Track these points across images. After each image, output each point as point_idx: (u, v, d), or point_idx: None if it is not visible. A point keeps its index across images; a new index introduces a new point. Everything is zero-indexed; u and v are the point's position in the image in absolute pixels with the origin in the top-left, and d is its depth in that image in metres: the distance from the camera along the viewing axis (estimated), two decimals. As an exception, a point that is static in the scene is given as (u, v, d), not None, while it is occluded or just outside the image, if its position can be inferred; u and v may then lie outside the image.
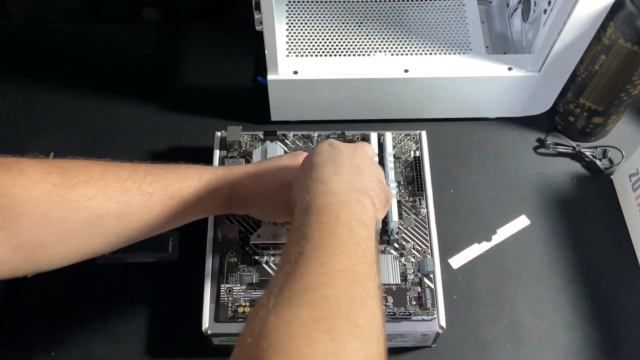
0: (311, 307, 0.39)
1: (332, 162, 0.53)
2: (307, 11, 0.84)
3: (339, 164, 0.53)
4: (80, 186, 0.50)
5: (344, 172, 0.52)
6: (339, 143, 0.57)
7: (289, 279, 0.41)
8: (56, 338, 0.68)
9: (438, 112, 0.83)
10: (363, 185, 0.52)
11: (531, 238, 0.76)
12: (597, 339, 0.69)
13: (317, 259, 0.43)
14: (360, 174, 0.53)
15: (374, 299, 0.43)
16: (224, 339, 0.65)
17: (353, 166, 0.53)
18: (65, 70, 0.89)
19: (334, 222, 0.46)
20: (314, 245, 0.44)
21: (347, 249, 0.45)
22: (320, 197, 0.49)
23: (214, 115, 0.84)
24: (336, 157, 0.54)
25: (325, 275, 0.42)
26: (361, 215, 0.49)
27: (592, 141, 0.83)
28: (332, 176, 0.51)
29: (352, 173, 0.52)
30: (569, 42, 0.72)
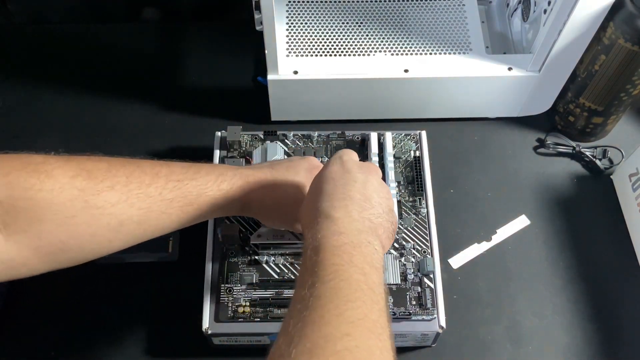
0: (334, 359, 0.39)
1: (343, 192, 0.52)
2: (307, 11, 0.84)
3: (349, 195, 0.52)
4: (105, 192, 0.50)
5: (354, 208, 0.51)
6: (351, 163, 0.55)
7: (308, 326, 0.41)
8: (56, 338, 0.68)
9: (438, 112, 0.83)
10: (372, 224, 0.51)
11: (531, 238, 0.76)
12: (597, 339, 0.69)
13: (336, 305, 0.43)
14: (371, 208, 0.52)
15: (389, 351, 0.43)
16: (224, 339, 0.65)
17: (364, 198, 0.52)
18: (65, 70, 0.89)
19: (348, 265, 0.46)
20: (330, 290, 0.44)
21: (362, 295, 0.45)
22: (332, 237, 0.48)
23: (214, 115, 0.84)
24: (348, 185, 0.53)
25: (344, 325, 0.42)
26: (372, 259, 0.48)
27: (592, 141, 0.83)
28: (342, 213, 0.50)
29: (362, 208, 0.52)
30: (569, 42, 0.72)
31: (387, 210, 0.54)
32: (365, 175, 0.55)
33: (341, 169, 0.55)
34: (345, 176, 0.54)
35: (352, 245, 0.48)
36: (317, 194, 0.53)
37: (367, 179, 0.54)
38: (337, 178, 0.53)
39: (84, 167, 0.50)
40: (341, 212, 0.50)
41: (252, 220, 0.68)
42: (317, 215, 0.50)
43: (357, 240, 0.49)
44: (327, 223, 0.49)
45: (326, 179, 0.54)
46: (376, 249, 0.50)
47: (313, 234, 0.49)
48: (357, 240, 0.49)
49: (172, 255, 0.73)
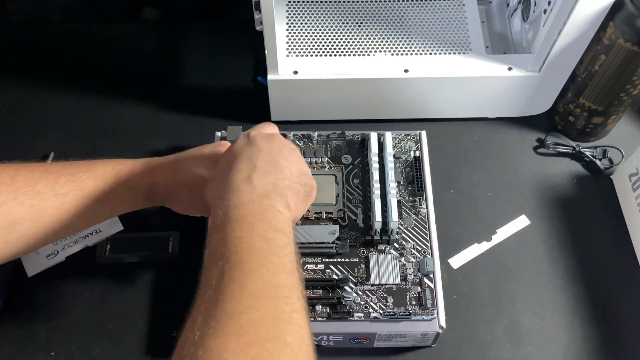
0: (238, 334, 0.38)
1: (248, 163, 0.52)
2: (307, 11, 0.84)
3: (254, 164, 0.52)
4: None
5: (256, 176, 0.51)
6: (257, 137, 0.55)
7: (212, 306, 0.40)
8: (56, 338, 0.68)
9: (438, 112, 0.83)
10: (277, 187, 0.51)
11: (531, 238, 0.76)
12: (597, 339, 0.69)
13: (237, 280, 0.42)
14: (277, 172, 0.52)
15: (299, 311, 0.42)
16: (224, 339, 0.65)
17: (269, 164, 0.52)
18: (65, 70, 0.89)
19: (249, 235, 0.46)
20: (232, 265, 0.43)
21: (266, 262, 0.44)
22: (233, 210, 0.48)
23: (214, 115, 0.84)
24: (253, 156, 0.53)
25: (247, 297, 0.41)
26: (276, 222, 0.48)
27: (592, 141, 0.83)
28: (244, 184, 0.50)
29: (265, 174, 0.51)
30: (569, 42, 0.72)
31: (296, 173, 0.54)
32: (270, 140, 0.55)
33: (246, 142, 0.55)
34: (251, 148, 0.54)
35: (253, 214, 0.48)
36: (223, 169, 0.53)
37: (273, 146, 0.55)
38: (243, 151, 0.54)
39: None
40: (243, 183, 0.50)
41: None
42: (222, 190, 0.50)
43: (259, 207, 0.48)
44: (228, 195, 0.49)
45: (232, 154, 0.54)
46: (280, 211, 0.49)
47: (216, 211, 0.49)
48: (259, 207, 0.48)
49: (172, 255, 0.73)
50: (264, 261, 0.44)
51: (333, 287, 0.64)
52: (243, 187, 0.50)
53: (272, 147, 0.54)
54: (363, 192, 0.71)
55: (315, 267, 0.66)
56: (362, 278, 0.65)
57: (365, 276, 0.65)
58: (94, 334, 0.68)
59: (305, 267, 0.66)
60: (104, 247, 0.73)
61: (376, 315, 0.63)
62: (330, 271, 0.66)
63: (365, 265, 0.66)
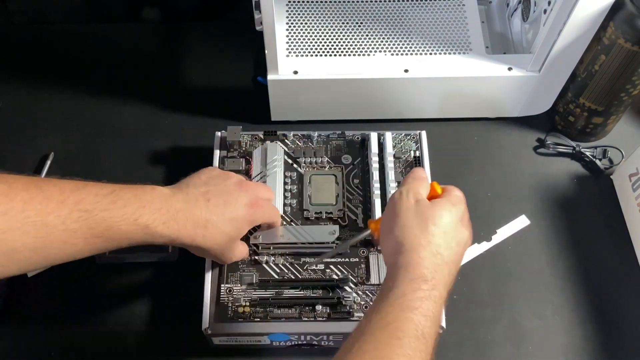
0: None
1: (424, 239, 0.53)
2: (307, 11, 0.84)
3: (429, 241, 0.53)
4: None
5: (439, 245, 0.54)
6: (422, 199, 0.56)
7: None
8: (56, 338, 0.68)
9: (438, 112, 0.83)
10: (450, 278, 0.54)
11: (531, 238, 0.76)
12: (597, 339, 0.69)
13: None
14: (448, 248, 0.54)
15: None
16: (224, 339, 0.65)
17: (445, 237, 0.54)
18: (65, 70, 0.89)
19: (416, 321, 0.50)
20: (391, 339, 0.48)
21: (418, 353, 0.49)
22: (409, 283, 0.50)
23: (214, 115, 0.84)
24: (426, 229, 0.54)
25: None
26: (436, 310, 0.51)
27: (592, 141, 0.83)
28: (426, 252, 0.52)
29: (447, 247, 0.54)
30: (569, 42, 0.72)
31: (463, 247, 0.57)
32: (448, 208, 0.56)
33: (416, 205, 0.55)
34: (421, 215, 0.54)
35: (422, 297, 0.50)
36: (393, 240, 0.54)
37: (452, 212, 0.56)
38: (412, 217, 0.54)
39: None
40: (425, 250, 0.52)
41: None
42: (394, 268, 0.52)
43: (428, 294, 0.50)
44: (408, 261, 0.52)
45: (400, 216, 0.55)
46: (442, 296, 0.52)
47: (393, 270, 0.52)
48: (429, 293, 0.51)
49: (172, 255, 0.73)
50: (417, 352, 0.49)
51: (333, 287, 0.64)
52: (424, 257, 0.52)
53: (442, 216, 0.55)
54: (363, 192, 0.71)
55: (315, 267, 0.66)
56: (362, 278, 0.65)
57: (366, 276, 0.65)
58: (94, 334, 0.68)
59: (306, 267, 0.66)
60: (104, 247, 0.73)
61: (376, 316, 0.63)
62: (331, 271, 0.66)
63: (365, 265, 0.66)
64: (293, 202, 0.70)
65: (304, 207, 0.69)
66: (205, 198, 0.58)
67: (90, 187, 0.52)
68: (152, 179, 0.79)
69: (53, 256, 0.51)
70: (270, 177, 0.70)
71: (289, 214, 0.69)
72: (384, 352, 0.46)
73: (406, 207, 0.55)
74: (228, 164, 0.71)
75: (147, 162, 0.81)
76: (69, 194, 0.51)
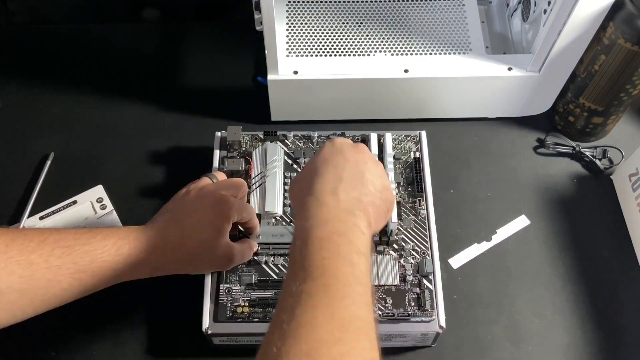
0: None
1: (334, 173, 0.53)
2: (307, 11, 0.84)
3: (340, 175, 0.52)
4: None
5: (342, 189, 0.51)
6: (344, 145, 0.56)
7: (302, 326, 0.42)
8: (56, 338, 0.68)
9: (438, 112, 0.83)
10: (361, 203, 0.52)
11: (531, 238, 0.76)
12: (597, 339, 0.69)
13: (327, 305, 0.44)
14: (362, 186, 0.53)
15: (376, 349, 0.44)
16: (224, 339, 0.65)
17: (355, 176, 0.53)
18: (65, 70, 0.89)
19: (335, 257, 0.47)
20: (320, 288, 0.45)
21: (351, 291, 0.45)
22: (319, 227, 0.49)
23: (214, 115, 0.84)
24: (339, 166, 0.53)
25: (337, 328, 0.43)
26: (359, 244, 0.49)
27: (592, 141, 0.83)
28: (330, 197, 0.51)
29: (351, 187, 0.52)
30: (568, 42, 0.72)
31: (380, 188, 0.54)
32: (357, 154, 0.55)
33: (333, 150, 0.55)
34: (337, 157, 0.54)
35: (339, 233, 0.48)
36: (309, 175, 0.53)
37: (359, 157, 0.55)
38: (330, 159, 0.54)
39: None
40: (329, 196, 0.51)
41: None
42: (308, 197, 0.51)
43: (344, 227, 0.49)
44: (314, 208, 0.50)
45: (319, 161, 0.54)
46: (363, 231, 0.50)
47: (302, 221, 0.50)
48: (344, 226, 0.49)
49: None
50: (349, 290, 0.45)
51: (333, 287, 0.64)
52: (328, 201, 0.50)
53: (358, 159, 0.55)
54: (363, 192, 0.71)
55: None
56: (362, 278, 0.65)
57: (365, 276, 0.65)
58: (94, 334, 0.68)
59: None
60: (104, 247, 0.73)
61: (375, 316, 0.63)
62: (330, 271, 0.65)
63: (365, 265, 0.66)
64: (293, 202, 0.70)
65: (303, 207, 0.69)
66: (173, 219, 0.60)
67: (68, 229, 0.54)
68: (152, 179, 0.79)
69: (40, 298, 0.52)
70: (270, 177, 0.70)
71: (288, 214, 0.69)
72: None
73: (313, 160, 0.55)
74: (228, 164, 0.71)
75: (147, 162, 0.81)
76: (49, 234, 0.52)
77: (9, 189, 0.78)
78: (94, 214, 0.76)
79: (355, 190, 0.52)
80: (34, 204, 0.76)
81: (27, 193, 0.77)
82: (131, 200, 0.77)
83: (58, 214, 0.75)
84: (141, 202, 0.77)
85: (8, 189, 0.78)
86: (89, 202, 0.77)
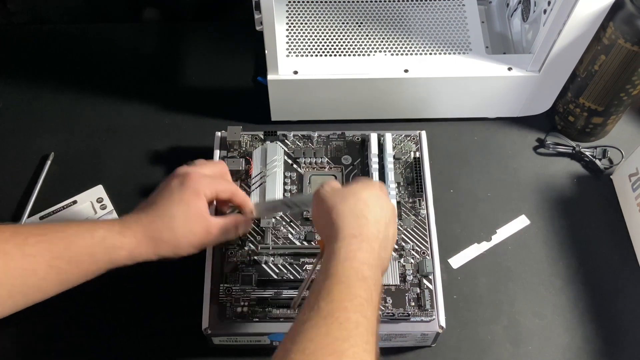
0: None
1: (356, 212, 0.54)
2: (307, 11, 0.84)
3: (363, 215, 0.53)
4: None
5: (369, 230, 0.53)
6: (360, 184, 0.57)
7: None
8: (56, 338, 0.68)
9: (438, 112, 0.83)
10: (383, 262, 0.54)
11: (531, 238, 0.76)
12: (597, 339, 0.69)
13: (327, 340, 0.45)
14: (384, 239, 0.54)
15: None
16: (224, 339, 0.65)
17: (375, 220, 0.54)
18: (65, 70, 0.89)
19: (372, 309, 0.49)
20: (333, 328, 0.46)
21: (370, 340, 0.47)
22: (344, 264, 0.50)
23: (214, 115, 0.84)
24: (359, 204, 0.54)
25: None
26: (372, 293, 0.50)
27: (592, 141, 0.83)
28: (357, 235, 0.52)
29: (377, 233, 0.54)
30: (568, 42, 0.72)
31: (389, 221, 0.56)
32: (369, 190, 0.56)
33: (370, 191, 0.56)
34: (355, 195, 0.55)
35: (375, 282, 0.51)
36: (327, 217, 0.54)
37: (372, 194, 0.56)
38: (337, 198, 0.55)
39: None
40: (356, 232, 0.52)
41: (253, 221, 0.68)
42: (336, 232, 0.52)
43: (366, 274, 0.50)
44: (343, 245, 0.51)
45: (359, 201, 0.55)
46: (378, 277, 0.52)
47: (329, 254, 0.51)
48: (367, 273, 0.50)
49: (172, 255, 0.73)
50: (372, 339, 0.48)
51: (333, 287, 0.64)
52: (355, 242, 0.52)
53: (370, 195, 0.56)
54: (363, 192, 0.71)
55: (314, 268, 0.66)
56: (362, 278, 0.65)
57: (365, 276, 0.65)
58: (94, 334, 0.68)
59: (305, 268, 0.66)
60: (104, 247, 0.73)
61: (376, 316, 0.63)
62: (330, 271, 0.65)
63: (365, 265, 0.66)
64: (293, 202, 0.70)
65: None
66: (145, 202, 0.59)
67: (44, 223, 0.53)
68: (152, 179, 0.79)
69: (18, 289, 0.51)
70: (270, 177, 0.70)
71: (288, 214, 0.69)
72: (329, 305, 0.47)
73: (328, 194, 0.56)
74: (228, 164, 0.71)
75: (147, 162, 0.81)
76: (22, 228, 0.52)
77: (9, 189, 0.78)
78: (94, 214, 0.76)
79: (379, 233, 0.54)
80: (34, 204, 0.76)
81: (27, 193, 0.77)
82: (131, 200, 0.77)
83: (58, 214, 0.75)
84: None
85: (8, 189, 0.78)
86: (89, 202, 0.77)
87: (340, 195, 0.55)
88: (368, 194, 0.55)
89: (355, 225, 0.52)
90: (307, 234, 0.68)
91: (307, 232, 0.68)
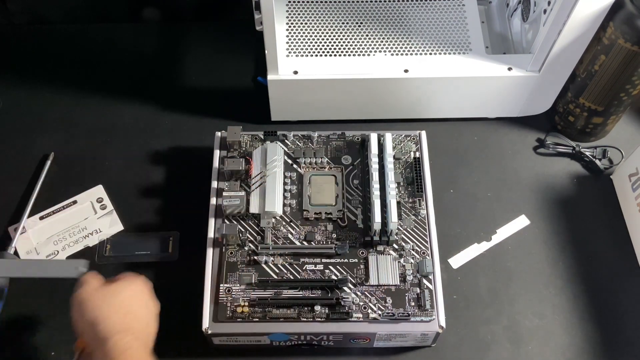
0: None
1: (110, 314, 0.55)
2: (307, 11, 0.84)
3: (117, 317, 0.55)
4: None
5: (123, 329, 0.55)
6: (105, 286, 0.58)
7: None
8: (56, 338, 0.68)
9: (438, 112, 0.83)
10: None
11: (531, 238, 0.76)
12: (597, 339, 0.69)
13: None
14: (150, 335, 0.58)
15: None
16: (224, 339, 0.65)
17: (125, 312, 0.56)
18: (65, 70, 0.89)
19: None
20: None
21: None
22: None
23: (214, 115, 0.84)
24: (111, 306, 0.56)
25: None
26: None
27: (592, 141, 0.83)
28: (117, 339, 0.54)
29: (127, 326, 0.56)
30: (568, 42, 0.72)
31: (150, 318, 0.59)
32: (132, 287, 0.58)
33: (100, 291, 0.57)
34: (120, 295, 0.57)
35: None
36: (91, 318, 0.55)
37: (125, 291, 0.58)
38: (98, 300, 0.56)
39: None
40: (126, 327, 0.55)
41: (252, 221, 0.68)
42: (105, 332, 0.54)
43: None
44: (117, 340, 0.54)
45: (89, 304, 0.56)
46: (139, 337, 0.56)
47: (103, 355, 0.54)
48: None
49: (172, 254, 0.73)
50: None
51: (332, 287, 0.64)
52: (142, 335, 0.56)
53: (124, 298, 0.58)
54: (363, 193, 0.71)
55: (314, 268, 0.66)
56: (361, 279, 0.65)
57: (364, 277, 0.65)
58: (94, 334, 0.68)
59: (305, 268, 0.66)
60: (104, 247, 0.73)
61: (375, 316, 0.63)
62: (330, 272, 0.66)
63: (364, 266, 0.66)
64: (293, 202, 0.70)
65: (303, 208, 0.69)
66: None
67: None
68: (152, 179, 0.79)
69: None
70: (270, 177, 0.70)
71: (288, 214, 0.69)
72: None
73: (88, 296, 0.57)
74: (228, 163, 0.71)
75: (147, 162, 0.81)
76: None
77: (9, 189, 0.78)
78: (94, 214, 0.76)
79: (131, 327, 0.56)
80: (34, 204, 0.76)
81: (27, 193, 0.77)
82: (131, 200, 0.77)
83: (58, 214, 0.76)
84: (141, 202, 0.77)
85: (8, 189, 0.78)
86: (89, 202, 0.77)
87: (101, 297, 0.57)
88: (132, 292, 0.58)
89: (123, 321, 0.56)
90: (307, 234, 0.68)
91: (307, 232, 0.68)
